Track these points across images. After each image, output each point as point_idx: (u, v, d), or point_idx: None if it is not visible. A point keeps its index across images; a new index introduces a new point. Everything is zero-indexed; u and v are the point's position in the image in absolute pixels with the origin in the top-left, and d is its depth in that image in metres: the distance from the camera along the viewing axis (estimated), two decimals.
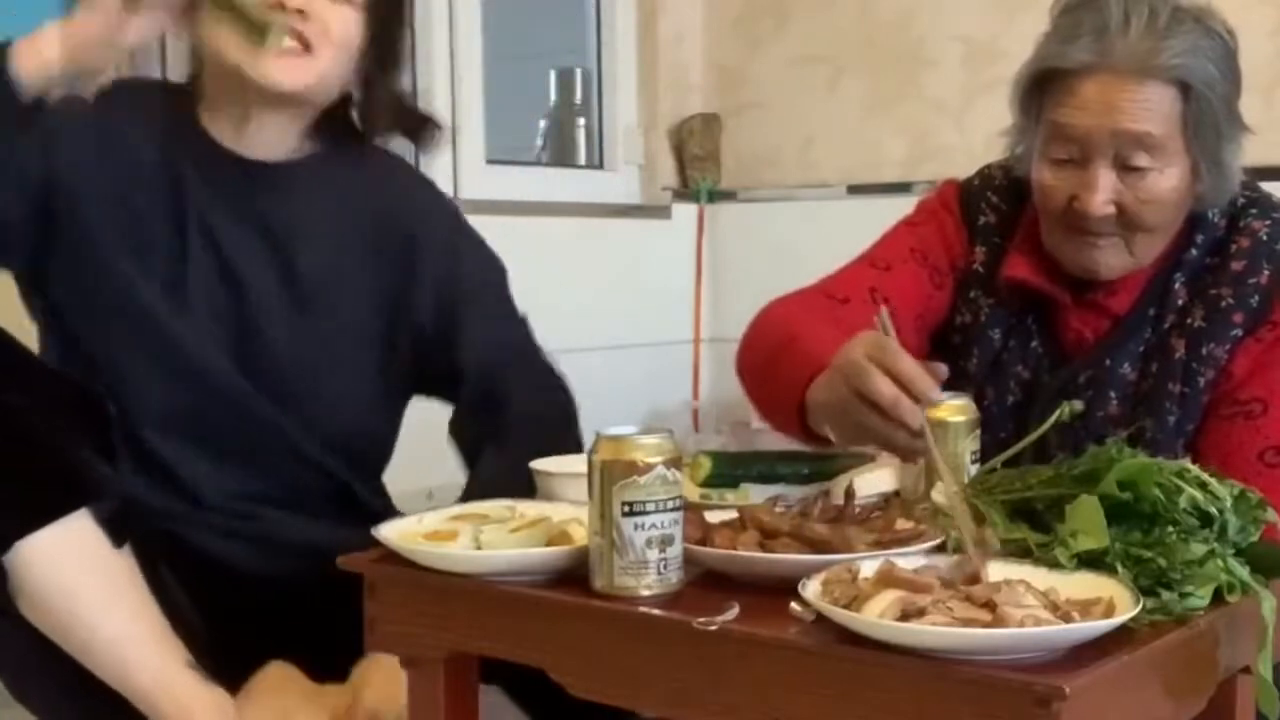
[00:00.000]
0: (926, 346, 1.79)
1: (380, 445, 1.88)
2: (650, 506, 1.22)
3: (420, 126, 1.86)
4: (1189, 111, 1.58)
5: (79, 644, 1.51)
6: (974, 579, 1.17)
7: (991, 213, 1.80)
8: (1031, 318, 1.74)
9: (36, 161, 1.61)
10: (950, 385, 1.68)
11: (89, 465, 1.51)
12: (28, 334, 1.68)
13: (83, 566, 1.49)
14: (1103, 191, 1.59)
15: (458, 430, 1.84)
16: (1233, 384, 1.63)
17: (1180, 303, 1.67)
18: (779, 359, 1.56)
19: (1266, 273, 1.64)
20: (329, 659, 1.58)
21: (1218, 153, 1.62)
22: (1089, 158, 1.60)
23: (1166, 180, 1.60)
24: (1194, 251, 1.68)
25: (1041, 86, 1.65)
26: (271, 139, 1.76)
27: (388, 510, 1.76)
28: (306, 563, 1.56)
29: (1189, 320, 1.65)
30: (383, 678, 1.55)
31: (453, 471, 1.92)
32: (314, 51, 1.68)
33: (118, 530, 1.52)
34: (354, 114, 1.82)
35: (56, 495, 1.47)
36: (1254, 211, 1.69)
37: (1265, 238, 1.66)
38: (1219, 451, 1.61)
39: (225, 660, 1.58)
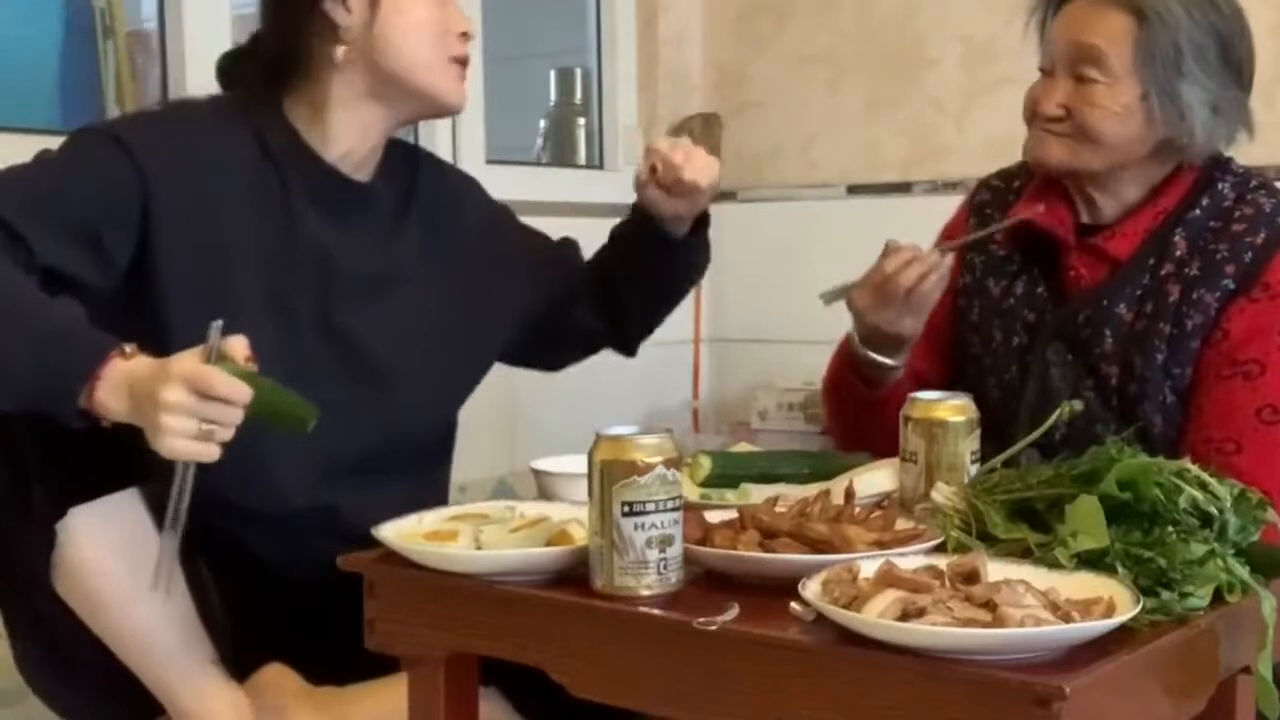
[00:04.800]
0: (944, 359, 1.94)
1: (445, 436, 1.90)
2: (650, 506, 1.22)
3: None
4: (1140, 37, 1.72)
5: (107, 624, 1.51)
6: (972, 575, 1.17)
7: (986, 191, 1.97)
8: (1037, 268, 1.86)
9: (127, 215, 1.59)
10: (957, 335, 1.90)
11: (144, 446, 1.49)
12: None
13: (123, 546, 1.48)
14: (1056, 95, 1.77)
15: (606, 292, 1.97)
16: (1230, 345, 1.71)
17: (1179, 254, 1.76)
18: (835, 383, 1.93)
19: (1263, 235, 1.73)
20: (345, 660, 1.57)
21: (1172, 86, 1.72)
22: (1055, 67, 1.78)
23: (1113, 95, 1.73)
24: (1198, 212, 1.77)
25: (1051, 18, 1.83)
26: (372, 161, 1.78)
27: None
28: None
29: (1186, 270, 1.75)
30: None
31: (451, 473, 1.92)
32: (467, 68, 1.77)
33: (163, 515, 1.50)
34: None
35: (108, 471, 1.47)
36: (1263, 191, 1.79)
37: (1268, 210, 1.76)
38: (1220, 410, 1.70)
39: (242, 660, 1.58)
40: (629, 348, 2.05)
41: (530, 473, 1.65)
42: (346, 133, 1.73)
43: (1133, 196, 1.79)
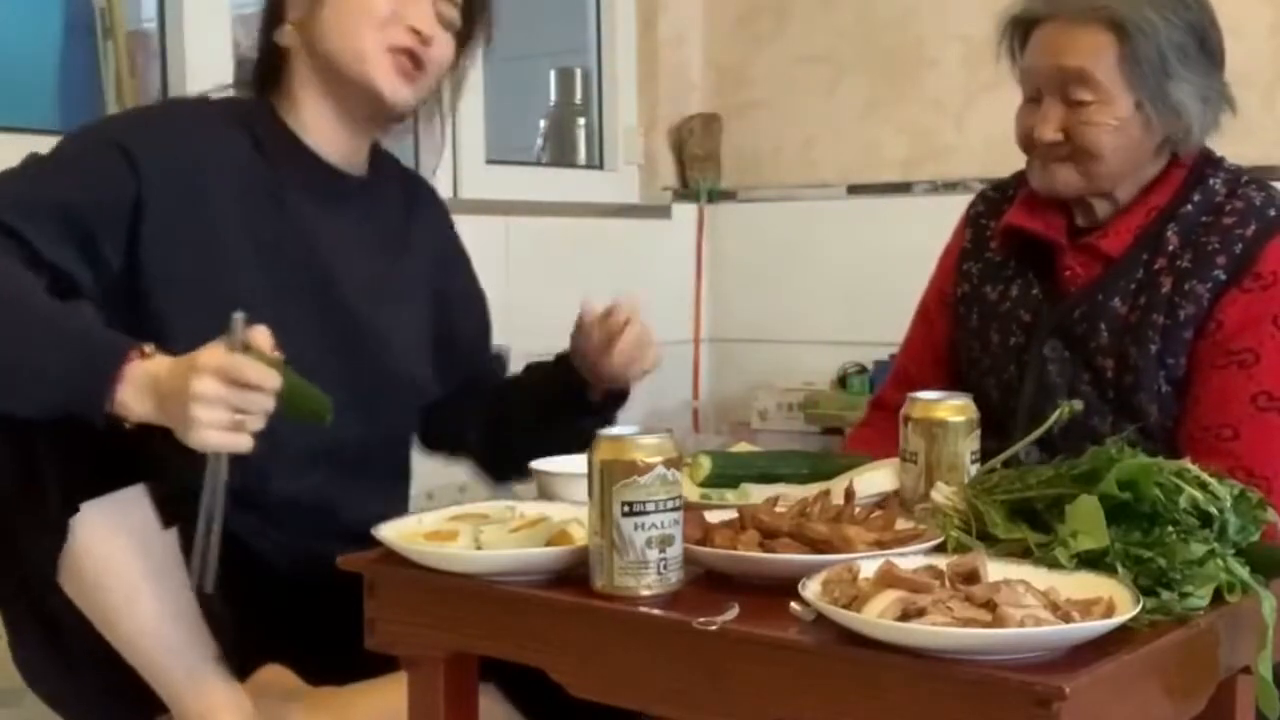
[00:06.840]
0: (944, 366, 1.97)
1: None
2: (650, 506, 1.22)
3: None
4: (1124, 51, 1.74)
5: (111, 618, 1.50)
6: (972, 575, 1.17)
7: (981, 202, 2.00)
8: (1032, 271, 1.88)
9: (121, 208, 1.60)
10: (957, 342, 1.93)
11: (149, 443, 1.49)
12: None
13: (129, 542, 1.48)
14: (1051, 122, 1.78)
15: (454, 421, 1.92)
16: (1224, 334, 1.74)
17: (1171, 248, 1.78)
18: None
19: (1254, 227, 1.76)
20: (345, 659, 1.57)
21: (1163, 90, 1.75)
22: (1042, 94, 1.79)
23: (1109, 112, 1.75)
24: (1189, 208, 1.79)
25: (1021, 43, 1.86)
26: (358, 154, 1.80)
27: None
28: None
29: (1178, 262, 1.77)
30: None
31: (452, 473, 1.92)
32: (425, 71, 1.75)
33: (169, 512, 1.51)
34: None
35: (116, 467, 1.47)
36: (1254, 186, 1.81)
37: (1259, 204, 1.78)
38: (1216, 397, 1.73)
39: (242, 659, 1.58)
40: (496, 476, 1.97)
41: (530, 473, 1.65)
42: (316, 124, 1.76)
43: (1126, 196, 1.82)
